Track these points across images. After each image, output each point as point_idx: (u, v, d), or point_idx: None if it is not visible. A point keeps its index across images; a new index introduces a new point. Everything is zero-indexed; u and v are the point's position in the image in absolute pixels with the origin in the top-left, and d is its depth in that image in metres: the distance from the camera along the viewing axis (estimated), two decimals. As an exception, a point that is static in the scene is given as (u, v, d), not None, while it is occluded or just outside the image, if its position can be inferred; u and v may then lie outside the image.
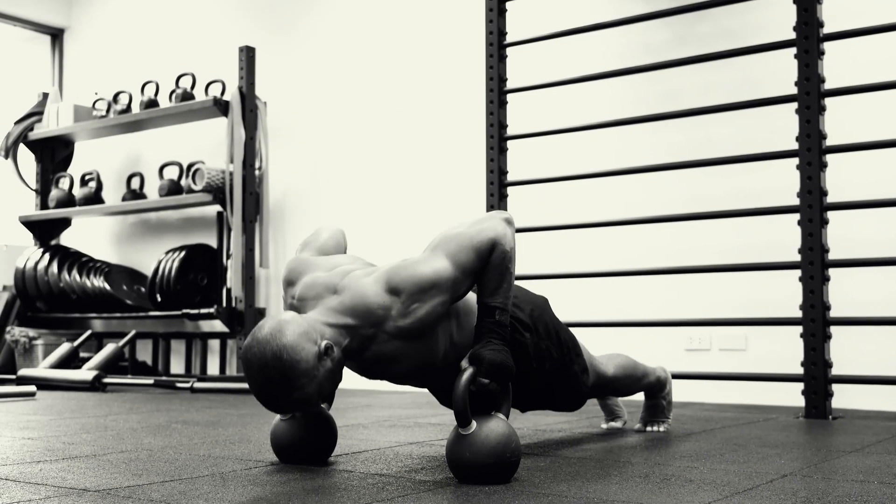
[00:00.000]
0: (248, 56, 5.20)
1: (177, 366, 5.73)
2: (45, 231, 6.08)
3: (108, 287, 5.71)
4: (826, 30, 3.32)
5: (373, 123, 5.12)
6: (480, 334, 1.87)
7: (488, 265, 1.86)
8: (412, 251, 2.01)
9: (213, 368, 5.58)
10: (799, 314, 3.24)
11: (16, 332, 5.50)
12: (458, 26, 4.78)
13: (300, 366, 1.70)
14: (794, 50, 3.32)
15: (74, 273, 5.75)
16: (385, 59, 5.10)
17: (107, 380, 4.48)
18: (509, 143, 4.05)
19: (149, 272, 5.57)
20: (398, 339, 1.82)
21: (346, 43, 5.25)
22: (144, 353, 5.77)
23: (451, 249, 1.85)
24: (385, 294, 1.80)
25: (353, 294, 1.82)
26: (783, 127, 3.46)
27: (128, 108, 5.72)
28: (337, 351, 1.78)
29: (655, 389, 2.71)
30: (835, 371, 3.25)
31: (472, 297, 2.04)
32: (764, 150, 3.50)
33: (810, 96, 3.24)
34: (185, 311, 5.21)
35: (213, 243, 5.45)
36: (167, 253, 5.44)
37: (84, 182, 5.93)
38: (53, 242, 6.10)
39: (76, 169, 6.20)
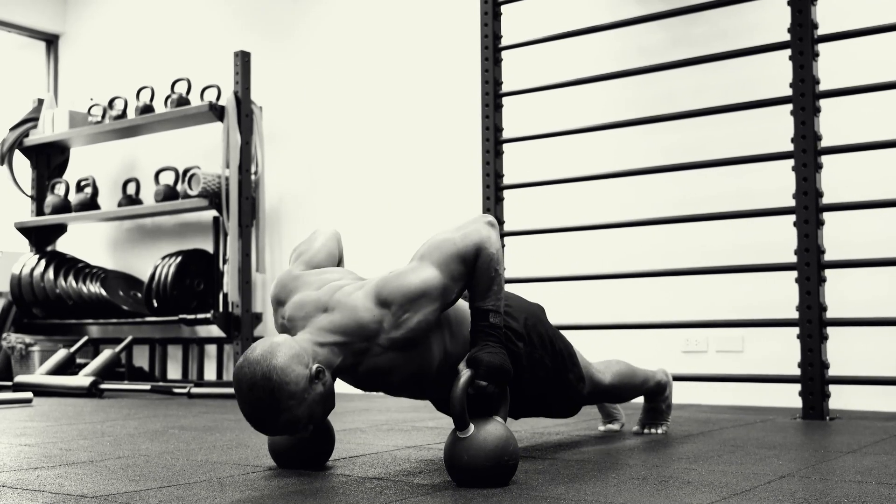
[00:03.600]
0: (243, 61, 5.20)
1: (173, 371, 5.72)
2: (40, 237, 6.07)
3: (104, 293, 5.69)
4: (820, 31, 3.33)
5: (369, 128, 5.12)
6: (476, 338, 1.87)
7: (476, 270, 1.86)
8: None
9: (210, 374, 5.57)
10: (795, 315, 3.24)
11: (12, 339, 5.49)
12: (453, 30, 4.78)
13: (289, 387, 1.70)
14: (788, 51, 3.32)
15: (70, 279, 5.74)
16: (381, 64, 5.11)
17: (103, 386, 4.47)
18: (505, 147, 4.05)
19: (145, 278, 5.56)
20: (392, 350, 1.82)
21: (342, 47, 5.25)
22: (141, 358, 5.76)
23: (437, 257, 1.85)
24: (375, 307, 1.80)
25: (343, 311, 1.82)
26: (778, 128, 3.47)
27: (123, 114, 5.71)
28: (328, 375, 1.78)
29: (655, 393, 2.71)
30: (832, 372, 3.25)
31: (463, 306, 2.04)
32: (759, 151, 3.51)
33: (805, 98, 3.25)
34: (181, 316, 5.21)
35: (210, 248, 5.45)
36: (163, 258, 5.43)
37: (80, 188, 5.92)
38: (49, 248, 6.09)
39: (72, 175, 6.19)
